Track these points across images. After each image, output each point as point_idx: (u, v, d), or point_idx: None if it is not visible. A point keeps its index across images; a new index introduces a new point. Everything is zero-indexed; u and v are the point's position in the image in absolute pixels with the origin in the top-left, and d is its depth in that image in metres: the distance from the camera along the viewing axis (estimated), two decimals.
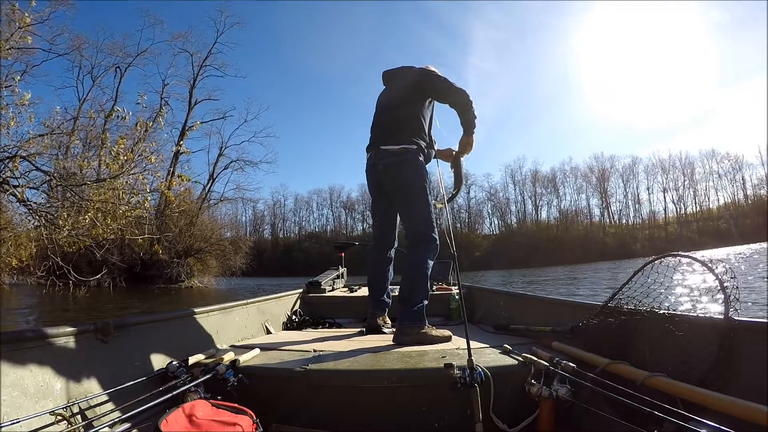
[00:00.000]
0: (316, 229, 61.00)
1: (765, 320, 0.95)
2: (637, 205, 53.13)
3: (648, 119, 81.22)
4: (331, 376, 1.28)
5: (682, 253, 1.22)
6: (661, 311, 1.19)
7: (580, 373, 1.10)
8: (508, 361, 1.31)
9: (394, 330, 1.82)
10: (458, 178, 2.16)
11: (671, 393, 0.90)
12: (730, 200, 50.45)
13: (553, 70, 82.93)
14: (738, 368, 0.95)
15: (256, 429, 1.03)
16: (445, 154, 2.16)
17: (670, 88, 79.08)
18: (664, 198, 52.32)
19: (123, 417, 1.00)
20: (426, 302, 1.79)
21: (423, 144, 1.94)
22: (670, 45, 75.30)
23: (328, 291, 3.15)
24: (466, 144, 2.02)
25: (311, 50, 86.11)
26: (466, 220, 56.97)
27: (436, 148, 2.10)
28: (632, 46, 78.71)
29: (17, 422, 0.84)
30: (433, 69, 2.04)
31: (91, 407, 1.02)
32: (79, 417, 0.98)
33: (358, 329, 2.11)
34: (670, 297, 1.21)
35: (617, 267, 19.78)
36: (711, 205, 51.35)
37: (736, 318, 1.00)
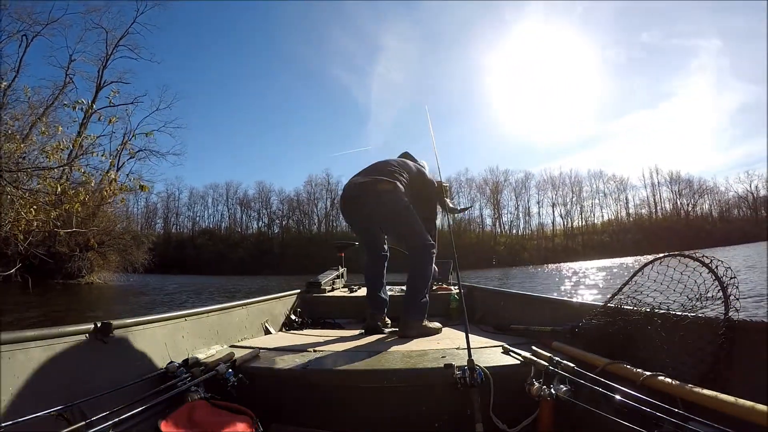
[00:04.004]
0: (210, 225, 59.60)
1: (765, 320, 0.95)
2: (527, 217, 58.43)
3: (543, 138, 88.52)
4: (331, 376, 1.28)
5: (683, 253, 1.22)
6: (661, 311, 1.19)
7: (580, 373, 1.09)
8: (508, 361, 1.31)
9: (395, 329, 1.89)
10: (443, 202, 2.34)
11: (671, 393, 0.90)
12: (613, 217, 57.47)
13: (457, 85, 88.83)
14: (738, 368, 0.95)
15: (256, 429, 1.03)
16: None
17: (565, 111, 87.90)
18: (553, 212, 58.18)
19: (123, 417, 1.00)
20: (427, 299, 1.95)
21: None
22: (568, 73, 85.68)
23: (328, 291, 3.15)
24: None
25: (225, 45, 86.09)
26: None
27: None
28: (535, 72, 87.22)
29: (17, 422, 0.84)
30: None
31: (91, 407, 1.02)
32: (79, 417, 0.98)
33: (358, 329, 2.11)
34: (670, 297, 1.21)
35: (504, 274, 21.47)
36: (596, 221, 57.87)
37: (736, 318, 1.00)
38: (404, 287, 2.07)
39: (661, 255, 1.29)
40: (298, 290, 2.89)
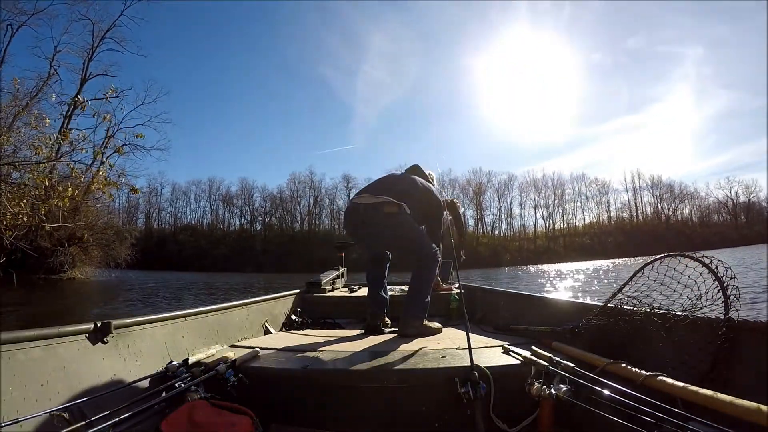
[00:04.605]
0: (192, 222, 58.52)
1: (765, 320, 0.95)
2: (509, 219, 58.66)
3: (527, 140, 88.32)
4: (331, 376, 1.28)
5: (683, 254, 1.22)
6: (661, 311, 1.19)
7: (580, 373, 1.09)
8: (508, 361, 1.31)
9: (395, 329, 1.88)
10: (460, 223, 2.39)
11: (671, 393, 0.90)
12: (595, 220, 58.22)
13: (443, 85, 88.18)
14: (738, 368, 0.95)
15: (256, 429, 1.03)
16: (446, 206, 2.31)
17: (549, 114, 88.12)
18: (535, 214, 58.40)
19: (123, 417, 1.00)
20: (429, 299, 1.96)
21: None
22: (553, 76, 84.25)
23: (328, 291, 3.15)
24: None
25: (210, 40, 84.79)
26: None
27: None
28: (521, 74, 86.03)
29: (17, 422, 0.84)
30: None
31: (91, 407, 1.02)
32: (79, 417, 0.98)
33: (358, 329, 2.11)
34: (670, 297, 1.21)
35: (484, 274, 21.21)
36: (577, 223, 58.46)
37: (736, 318, 1.00)
38: (404, 287, 2.08)
39: (661, 255, 1.29)
40: (298, 290, 2.89)
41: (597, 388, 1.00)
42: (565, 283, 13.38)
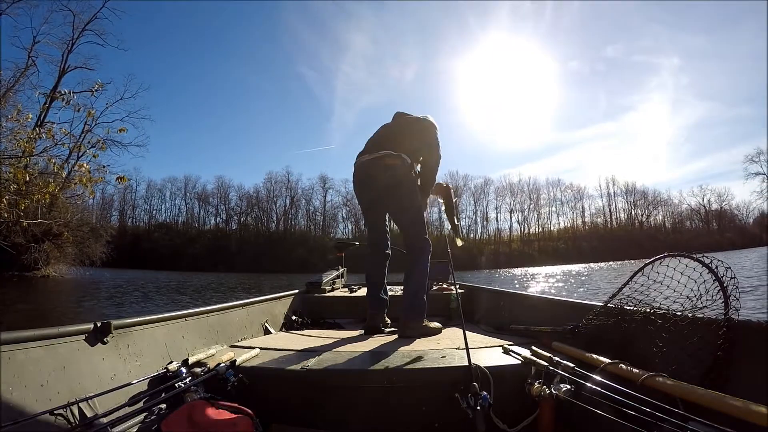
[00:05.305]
0: (167, 220, 57.99)
1: (765, 320, 0.95)
2: (485, 222, 59.82)
3: (504, 145, 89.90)
4: (331, 376, 1.28)
5: (683, 253, 1.22)
6: (661, 311, 1.19)
7: (580, 373, 1.09)
8: (508, 361, 1.31)
9: (395, 329, 1.88)
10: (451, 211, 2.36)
11: (671, 393, 0.90)
12: (569, 224, 59.57)
13: (422, 87, 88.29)
14: (738, 368, 0.95)
15: (256, 429, 1.03)
16: (437, 189, 2.31)
17: (527, 119, 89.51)
18: (510, 218, 59.75)
19: (123, 417, 1.00)
20: (426, 298, 1.97)
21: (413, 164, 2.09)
22: (532, 82, 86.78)
23: (328, 291, 3.15)
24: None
25: (187, 37, 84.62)
26: (321, 224, 57.71)
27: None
28: (499, 78, 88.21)
29: (17, 422, 0.84)
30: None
31: (91, 407, 1.02)
32: (79, 417, 0.98)
33: (358, 329, 2.11)
34: (670, 297, 1.21)
35: (460, 276, 21.90)
36: (552, 228, 59.72)
37: (736, 318, 1.00)
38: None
39: (660, 255, 1.29)
40: (298, 290, 2.89)
41: (597, 388, 1.00)
42: (537, 287, 13.63)
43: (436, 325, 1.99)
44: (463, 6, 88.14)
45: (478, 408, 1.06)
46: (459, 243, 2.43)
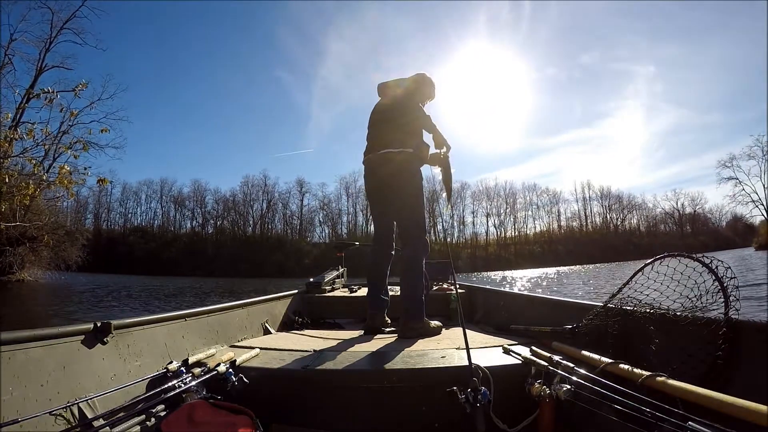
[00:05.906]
0: (143, 223, 57.09)
1: (765, 320, 0.95)
2: (462, 226, 59.26)
3: (481, 150, 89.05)
4: (331, 376, 1.28)
5: (683, 254, 1.22)
6: (661, 311, 1.18)
7: (580, 373, 1.09)
8: (508, 361, 1.31)
9: (395, 329, 1.88)
10: (449, 180, 2.33)
11: (671, 393, 0.90)
12: (545, 228, 60.00)
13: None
14: (738, 368, 0.95)
15: (255, 429, 1.03)
16: (434, 159, 2.27)
17: (504, 125, 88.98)
18: (487, 222, 59.64)
19: (123, 417, 1.00)
20: (424, 297, 1.98)
21: (421, 147, 2.13)
22: (509, 88, 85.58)
23: (328, 291, 3.15)
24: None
25: (163, 37, 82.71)
26: (297, 227, 57.40)
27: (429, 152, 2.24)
28: (476, 84, 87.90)
29: (17, 422, 0.84)
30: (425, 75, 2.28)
31: (91, 407, 1.02)
32: (79, 417, 0.98)
33: (358, 329, 2.11)
34: (669, 297, 1.21)
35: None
36: (528, 232, 60.05)
37: (736, 318, 1.00)
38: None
39: (660, 255, 1.29)
40: (298, 290, 2.89)
41: (597, 388, 1.00)
42: (515, 290, 13.67)
43: (436, 324, 1.99)
44: (440, 13, 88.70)
45: (478, 405, 1.06)
46: (446, 210, 2.49)
